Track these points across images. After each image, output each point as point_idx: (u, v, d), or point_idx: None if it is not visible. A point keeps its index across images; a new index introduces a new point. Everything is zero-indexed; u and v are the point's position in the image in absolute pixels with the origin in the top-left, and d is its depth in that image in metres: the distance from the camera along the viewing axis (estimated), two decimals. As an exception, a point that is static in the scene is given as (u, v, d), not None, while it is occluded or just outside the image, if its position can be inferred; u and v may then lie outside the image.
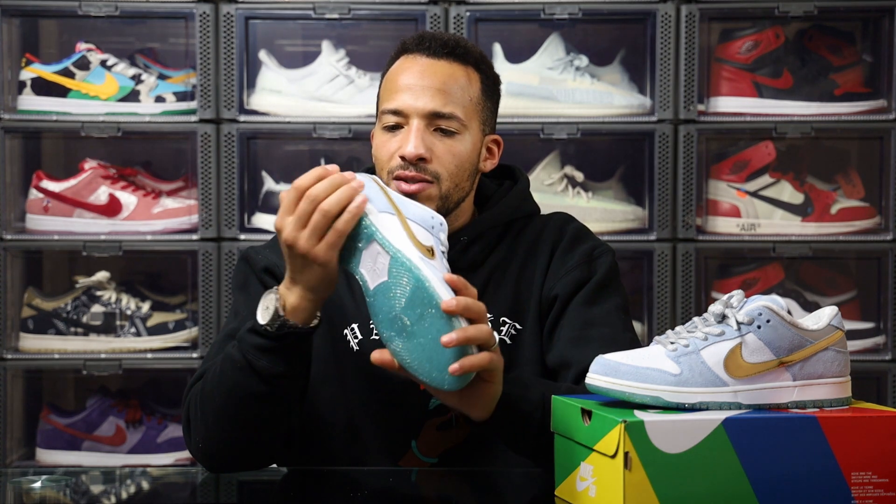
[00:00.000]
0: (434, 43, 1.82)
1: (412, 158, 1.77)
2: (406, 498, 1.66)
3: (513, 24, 3.06)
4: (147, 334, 2.93)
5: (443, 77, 1.80)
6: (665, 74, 2.86)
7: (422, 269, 1.48)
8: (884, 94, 2.92)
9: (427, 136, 1.79)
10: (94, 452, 2.94)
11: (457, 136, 1.81)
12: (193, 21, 2.87)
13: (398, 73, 1.83)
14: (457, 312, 1.47)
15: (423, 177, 1.78)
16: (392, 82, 1.83)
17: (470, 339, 1.48)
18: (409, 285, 1.48)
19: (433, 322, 1.47)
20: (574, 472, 1.46)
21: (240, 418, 1.66)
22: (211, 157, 2.86)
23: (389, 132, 1.81)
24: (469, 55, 1.84)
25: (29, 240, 2.91)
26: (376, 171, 1.84)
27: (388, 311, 1.50)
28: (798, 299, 2.94)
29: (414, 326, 1.48)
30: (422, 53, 1.82)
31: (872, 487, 1.39)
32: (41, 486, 1.63)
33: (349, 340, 1.84)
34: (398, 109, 1.79)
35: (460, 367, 1.48)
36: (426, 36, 1.84)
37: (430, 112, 1.79)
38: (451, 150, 1.80)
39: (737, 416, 1.37)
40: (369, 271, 1.52)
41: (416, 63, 1.82)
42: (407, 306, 1.48)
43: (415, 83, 1.80)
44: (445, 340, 1.46)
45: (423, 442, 1.82)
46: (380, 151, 1.82)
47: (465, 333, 1.47)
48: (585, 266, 1.84)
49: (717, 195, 2.94)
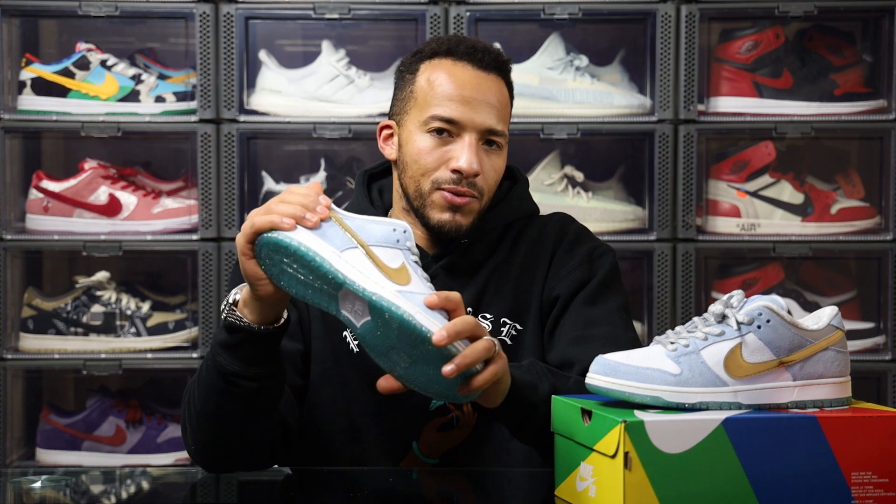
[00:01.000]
0: (487, 56, 1.82)
1: (470, 175, 1.77)
2: (406, 498, 1.66)
3: (513, 24, 3.06)
4: (147, 334, 2.92)
5: (496, 93, 1.81)
6: (665, 74, 2.86)
7: (401, 307, 1.42)
8: (884, 94, 2.92)
9: (479, 151, 1.79)
10: (94, 452, 2.94)
11: (499, 153, 1.83)
12: (193, 21, 2.87)
13: (450, 77, 1.80)
14: (450, 343, 1.42)
15: (472, 192, 1.78)
16: (444, 86, 1.80)
17: (470, 363, 1.44)
18: (395, 324, 1.43)
19: (431, 354, 1.43)
20: (574, 472, 1.46)
21: (217, 418, 1.64)
22: (211, 157, 2.86)
23: (436, 138, 1.80)
24: (508, 72, 1.86)
25: (29, 240, 2.91)
26: (408, 174, 1.82)
27: (381, 345, 1.47)
28: (798, 299, 2.94)
29: (413, 358, 1.45)
30: (473, 64, 1.81)
31: (872, 487, 1.39)
32: (41, 486, 1.63)
33: (349, 342, 1.84)
34: (455, 119, 1.78)
35: (469, 388, 1.46)
36: (477, 45, 1.83)
37: (487, 128, 1.79)
38: (495, 167, 1.82)
39: (737, 416, 1.37)
40: (351, 312, 1.48)
41: (468, 73, 1.81)
42: (399, 343, 1.45)
43: (472, 96, 1.79)
44: (447, 371, 1.42)
45: (423, 443, 1.82)
46: (424, 157, 1.80)
47: (464, 360, 1.43)
48: (587, 266, 1.84)
49: (717, 195, 2.94)
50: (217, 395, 1.62)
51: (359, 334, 1.48)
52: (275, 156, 3.08)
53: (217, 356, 1.60)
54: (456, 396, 1.48)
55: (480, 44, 1.85)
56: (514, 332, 1.84)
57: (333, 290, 1.48)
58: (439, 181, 1.78)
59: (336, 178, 2.97)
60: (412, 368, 1.46)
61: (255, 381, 1.60)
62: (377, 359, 1.49)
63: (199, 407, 1.66)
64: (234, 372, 1.59)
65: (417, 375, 1.47)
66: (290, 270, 1.49)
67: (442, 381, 1.45)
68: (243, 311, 1.58)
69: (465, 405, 1.82)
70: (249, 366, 1.59)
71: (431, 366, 1.44)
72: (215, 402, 1.63)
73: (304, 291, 1.50)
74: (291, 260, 1.48)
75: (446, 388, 1.47)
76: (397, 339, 1.44)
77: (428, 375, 1.46)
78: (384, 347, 1.46)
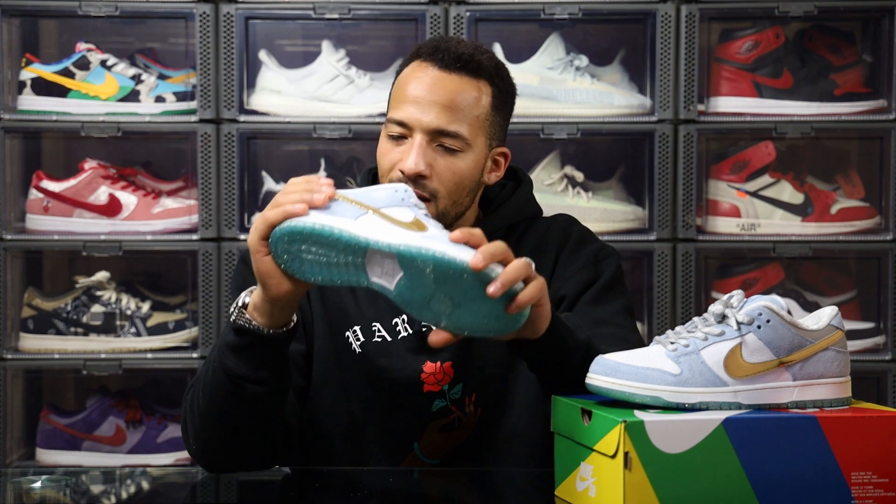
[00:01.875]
0: (448, 55, 1.78)
1: (410, 175, 1.75)
2: (406, 498, 1.66)
3: (513, 24, 3.06)
4: (147, 334, 2.93)
5: (451, 93, 1.77)
6: (665, 74, 2.86)
7: (430, 247, 1.44)
8: (884, 94, 2.92)
9: (429, 152, 1.76)
10: (94, 452, 2.94)
11: (459, 154, 1.78)
12: (193, 21, 2.87)
13: (408, 81, 1.80)
14: (487, 265, 1.42)
15: (420, 193, 1.76)
16: (401, 90, 1.80)
17: (513, 279, 1.44)
18: (429, 268, 1.44)
19: (471, 285, 1.44)
20: (574, 472, 1.46)
21: (221, 419, 1.64)
22: (211, 157, 2.86)
23: (393, 141, 1.79)
24: (482, 69, 1.80)
25: (29, 240, 2.91)
26: (379, 175, 1.83)
27: (421, 300, 1.47)
28: (798, 299, 2.94)
29: (455, 300, 1.46)
30: (434, 64, 1.79)
31: (872, 487, 1.39)
32: (41, 486, 1.63)
33: (351, 343, 1.84)
34: (403, 121, 1.77)
35: (517, 305, 1.45)
36: (441, 46, 1.80)
37: (434, 129, 1.76)
38: (452, 168, 1.78)
39: (737, 416, 1.37)
40: (381, 276, 1.49)
41: (427, 74, 1.78)
42: (437, 288, 1.45)
43: (422, 96, 1.76)
44: (491, 291, 1.42)
45: (425, 444, 1.82)
46: (382, 159, 1.80)
47: (507, 276, 1.43)
48: (592, 267, 1.84)
49: (717, 195, 2.94)
50: (222, 397, 1.62)
51: (395, 296, 1.48)
52: (275, 156, 3.08)
53: (224, 358, 1.60)
54: (506, 323, 1.47)
55: (451, 43, 1.81)
56: (516, 334, 1.84)
57: (359, 257, 1.48)
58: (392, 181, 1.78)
59: (336, 178, 2.97)
60: (457, 312, 1.46)
61: (261, 385, 1.60)
62: (420, 315, 1.49)
63: (202, 408, 1.65)
64: (241, 375, 1.59)
65: (463, 316, 1.47)
66: (310, 257, 1.49)
67: (488, 313, 1.46)
68: (253, 315, 1.57)
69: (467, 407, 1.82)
70: (257, 369, 1.59)
71: (474, 301, 1.45)
72: (220, 402, 1.63)
73: (330, 274, 1.50)
74: (310, 244, 1.48)
75: (494, 318, 1.46)
76: (435, 284, 1.45)
77: (473, 312, 1.46)
78: (424, 300, 1.47)
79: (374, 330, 1.83)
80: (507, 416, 1.83)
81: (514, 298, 1.45)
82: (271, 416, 1.66)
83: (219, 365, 1.61)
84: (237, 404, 1.62)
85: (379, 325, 1.83)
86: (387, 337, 1.83)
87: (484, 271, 1.42)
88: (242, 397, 1.60)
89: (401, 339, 1.82)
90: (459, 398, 1.82)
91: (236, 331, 1.58)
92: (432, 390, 1.81)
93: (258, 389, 1.60)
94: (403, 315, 1.82)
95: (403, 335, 1.82)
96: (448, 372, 1.81)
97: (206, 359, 1.68)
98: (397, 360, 1.82)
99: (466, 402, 1.82)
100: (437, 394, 1.81)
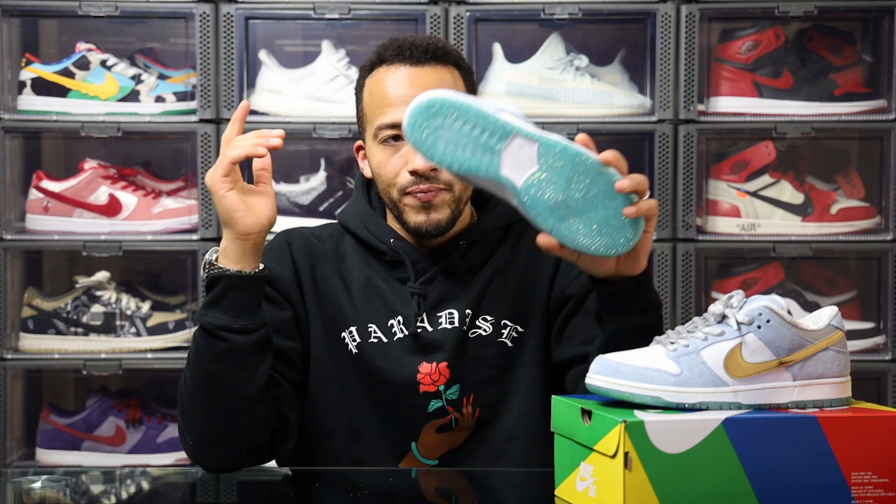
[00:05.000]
0: (415, 50, 1.80)
1: (425, 171, 1.76)
2: (406, 498, 1.66)
3: (513, 24, 3.06)
4: (147, 334, 2.93)
5: (433, 82, 1.78)
6: (665, 74, 2.86)
7: (571, 144, 1.50)
8: (884, 94, 2.92)
9: None
10: (94, 452, 2.94)
11: None
12: (193, 21, 2.87)
13: (384, 85, 1.80)
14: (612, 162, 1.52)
15: (437, 186, 1.78)
16: (380, 96, 1.80)
17: (638, 181, 1.53)
18: (567, 163, 1.49)
19: (599, 189, 1.49)
20: (574, 472, 1.46)
21: (209, 393, 1.67)
22: (211, 158, 2.86)
23: (389, 147, 1.80)
24: (449, 55, 1.83)
25: (29, 240, 2.91)
26: (380, 189, 1.83)
27: (545, 201, 1.49)
28: (798, 299, 2.94)
29: (578, 205, 1.49)
30: (404, 62, 1.80)
31: (872, 487, 1.39)
32: (41, 486, 1.63)
33: (347, 343, 1.84)
34: (396, 122, 1.76)
35: (637, 210, 1.51)
36: (404, 44, 1.81)
37: None
38: None
39: (737, 416, 1.37)
40: (513, 169, 1.49)
41: (401, 72, 1.79)
42: (567, 187, 1.49)
43: (407, 93, 1.77)
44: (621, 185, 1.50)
45: (422, 444, 1.82)
46: (383, 169, 1.80)
47: (634, 178, 1.51)
48: None
49: (717, 195, 2.94)
50: (206, 361, 1.65)
51: (521, 191, 1.50)
52: (275, 156, 3.06)
53: (202, 318, 1.66)
54: (619, 237, 1.51)
55: (410, 40, 1.82)
56: (515, 335, 1.84)
57: (498, 141, 1.49)
58: (403, 186, 1.79)
59: (336, 178, 2.97)
60: (576, 220, 1.50)
61: (241, 333, 1.65)
62: (537, 218, 1.51)
63: (191, 388, 1.68)
64: (221, 325, 1.64)
65: (581, 225, 1.50)
66: (448, 134, 1.49)
67: (606, 222, 1.50)
68: (223, 263, 1.66)
69: (465, 408, 1.82)
70: (236, 317, 1.65)
71: (595, 209, 1.49)
72: (206, 370, 1.66)
73: (462, 156, 1.50)
74: (453, 119, 1.49)
75: (610, 229, 1.51)
76: (565, 184, 1.49)
77: (591, 220, 1.50)
78: (548, 201, 1.49)
79: (370, 331, 1.83)
80: (505, 417, 1.83)
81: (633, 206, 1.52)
82: (255, 377, 1.68)
83: (199, 332, 1.66)
84: (222, 364, 1.65)
85: (374, 326, 1.83)
86: (382, 338, 1.83)
87: (614, 172, 1.50)
88: (226, 352, 1.65)
89: (396, 341, 1.82)
90: (457, 399, 1.82)
91: (210, 285, 1.66)
92: (428, 391, 1.81)
93: (239, 339, 1.65)
94: (399, 316, 1.83)
95: (399, 336, 1.82)
96: (444, 373, 1.81)
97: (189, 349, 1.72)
98: (393, 361, 1.82)
99: (464, 403, 1.82)
100: (433, 394, 1.81)
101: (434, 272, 1.84)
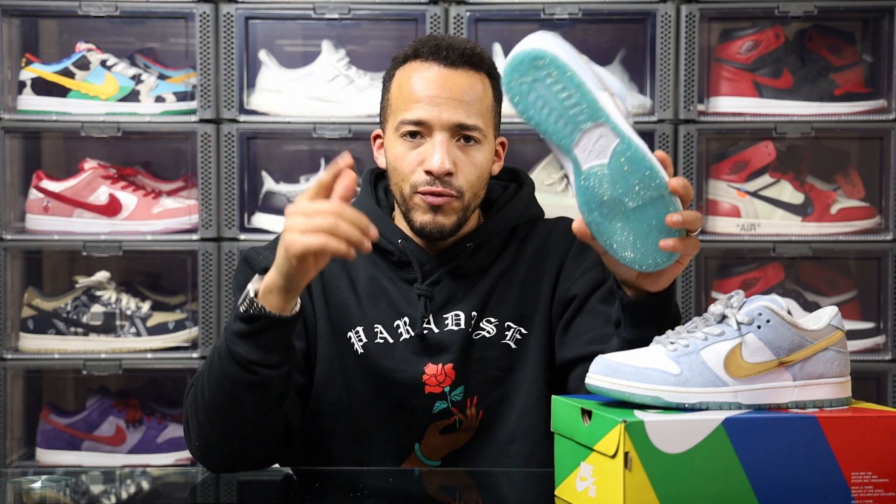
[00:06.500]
0: (451, 52, 1.79)
1: (441, 174, 1.76)
2: (407, 498, 1.66)
3: (513, 24, 3.06)
4: (147, 334, 2.93)
5: (464, 87, 1.78)
6: (665, 74, 2.86)
7: (646, 151, 1.48)
8: (884, 94, 2.92)
9: (451, 148, 1.78)
10: (94, 452, 2.94)
11: (477, 147, 1.80)
12: (193, 21, 2.87)
13: (414, 81, 1.80)
14: (680, 192, 1.47)
15: (449, 192, 1.77)
16: (408, 91, 1.79)
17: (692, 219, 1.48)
18: (634, 171, 1.46)
19: (653, 210, 1.47)
20: (574, 472, 1.46)
21: (228, 411, 1.65)
22: (211, 157, 2.86)
23: (409, 142, 1.79)
24: (483, 62, 1.82)
25: (29, 240, 2.91)
26: (392, 182, 1.83)
27: (599, 195, 1.48)
28: (798, 299, 2.94)
29: (630, 212, 1.48)
30: (438, 62, 1.79)
31: (872, 487, 1.39)
32: (41, 486, 1.63)
33: (353, 344, 1.84)
34: (421, 120, 1.77)
35: (673, 246, 1.48)
36: (441, 43, 1.81)
37: (455, 124, 1.77)
38: (474, 162, 1.80)
39: (737, 416, 1.37)
40: (585, 151, 1.48)
41: (433, 72, 1.79)
42: (625, 189, 1.47)
43: (436, 94, 1.77)
44: (672, 221, 1.46)
45: (426, 445, 1.83)
46: (400, 163, 1.80)
47: (689, 215, 1.47)
48: (601, 266, 1.83)
49: (717, 195, 2.94)
50: (231, 385, 1.62)
51: (581, 175, 1.48)
52: (275, 156, 3.08)
53: (234, 346, 1.61)
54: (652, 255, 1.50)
55: (448, 41, 1.82)
56: (519, 336, 1.84)
57: (585, 121, 1.46)
58: (416, 184, 1.78)
59: (336, 178, 2.96)
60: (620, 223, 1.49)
61: (273, 368, 1.62)
62: (585, 209, 1.49)
63: (208, 400, 1.66)
64: (254, 360, 1.60)
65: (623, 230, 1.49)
66: (544, 91, 1.46)
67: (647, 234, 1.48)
68: (265, 300, 1.59)
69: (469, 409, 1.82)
70: (269, 353, 1.61)
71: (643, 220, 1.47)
72: (229, 391, 1.63)
73: (546, 117, 1.47)
74: (554, 80, 1.46)
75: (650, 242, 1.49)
76: (623, 186, 1.47)
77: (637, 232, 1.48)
78: (600, 196, 1.48)
79: (377, 331, 1.83)
80: (507, 419, 1.83)
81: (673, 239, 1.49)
82: (277, 403, 1.67)
83: (227, 355, 1.62)
84: (247, 391, 1.63)
85: (381, 326, 1.83)
86: (388, 339, 1.83)
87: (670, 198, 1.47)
88: (253, 383, 1.62)
89: (402, 342, 1.82)
90: (461, 400, 1.82)
91: (247, 319, 1.60)
92: (433, 392, 1.81)
93: (271, 373, 1.62)
94: (405, 317, 1.83)
95: (405, 337, 1.82)
96: (449, 374, 1.81)
97: (208, 357, 1.68)
98: (399, 362, 1.82)
99: (468, 405, 1.82)
100: (438, 395, 1.81)
101: (441, 274, 1.84)
